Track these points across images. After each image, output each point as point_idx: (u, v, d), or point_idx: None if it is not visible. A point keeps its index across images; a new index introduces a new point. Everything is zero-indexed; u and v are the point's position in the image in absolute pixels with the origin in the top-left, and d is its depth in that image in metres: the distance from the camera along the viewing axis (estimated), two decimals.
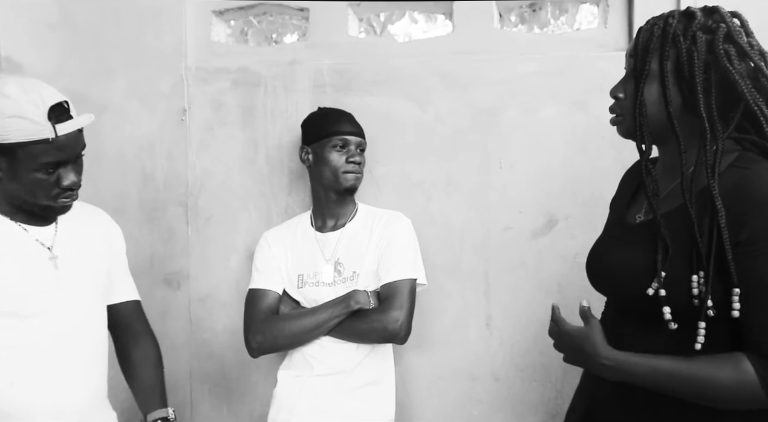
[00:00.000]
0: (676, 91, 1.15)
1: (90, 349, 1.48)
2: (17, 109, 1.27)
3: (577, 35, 2.03)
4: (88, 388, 1.46)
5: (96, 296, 1.52)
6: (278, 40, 3.85)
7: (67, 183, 1.36)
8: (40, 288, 1.38)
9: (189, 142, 2.11)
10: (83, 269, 1.48)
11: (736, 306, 1.06)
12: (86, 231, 1.53)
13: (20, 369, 1.35)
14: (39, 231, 1.43)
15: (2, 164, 1.32)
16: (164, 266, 2.11)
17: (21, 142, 1.27)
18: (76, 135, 1.35)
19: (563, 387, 1.96)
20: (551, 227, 1.95)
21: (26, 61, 2.16)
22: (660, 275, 1.12)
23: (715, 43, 1.11)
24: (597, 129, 1.90)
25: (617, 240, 1.33)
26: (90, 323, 1.49)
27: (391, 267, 1.76)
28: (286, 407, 1.77)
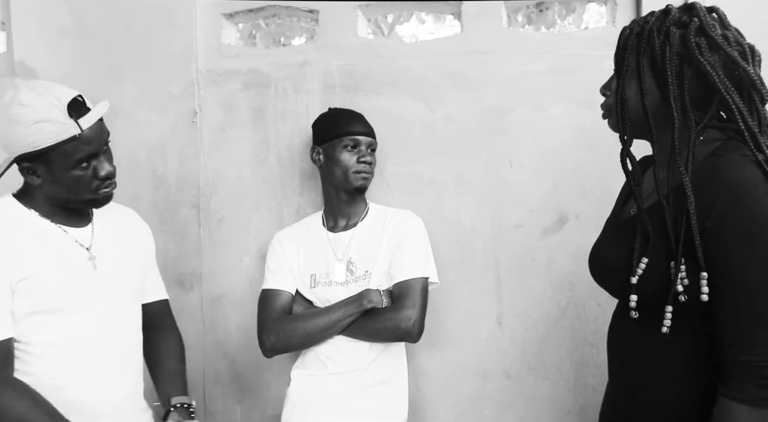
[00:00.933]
0: (653, 85, 1.19)
1: (127, 347, 1.52)
2: (39, 114, 1.29)
3: (585, 34, 2.04)
4: (125, 385, 1.50)
5: (132, 295, 1.56)
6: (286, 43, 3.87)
7: (104, 173, 1.40)
8: (81, 288, 1.42)
9: (200, 143, 2.13)
10: (120, 269, 1.52)
11: (704, 290, 1.09)
12: (121, 232, 1.57)
13: (61, 366, 1.39)
14: (77, 232, 1.46)
15: (39, 170, 1.35)
16: (177, 267, 2.13)
17: (51, 145, 1.31)
18: (98, 125, 1.38)
19: (575, 385, 1.96)
20: (562, 225, 1.96)
21: (39, 65, 2.19)
22: (635, 264, 1.17)
23: (687, 36, 1.14)
24: (606, 127, 1.88)
25: (610, 235, 1.37)
26: (127, 321, 1.53)
27: (403, 266, 1.77)
28: (300, 406, 1.78)
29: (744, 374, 1.05)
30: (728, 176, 1.10)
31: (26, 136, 1.30)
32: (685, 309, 1.12)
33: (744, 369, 1.05)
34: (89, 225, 1.50)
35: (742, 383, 1.05)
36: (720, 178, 1.10)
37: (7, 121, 1.31)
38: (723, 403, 1.07)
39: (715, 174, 1.11)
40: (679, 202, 1.13)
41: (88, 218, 1.51)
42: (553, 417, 1.98)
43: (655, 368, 1.20)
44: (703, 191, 1.10)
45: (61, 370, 1.39)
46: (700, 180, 1.12)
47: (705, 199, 1.09)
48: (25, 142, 1.30)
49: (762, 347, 1.04)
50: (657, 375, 1.20)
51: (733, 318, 1.07)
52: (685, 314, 1.13)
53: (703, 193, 1.10)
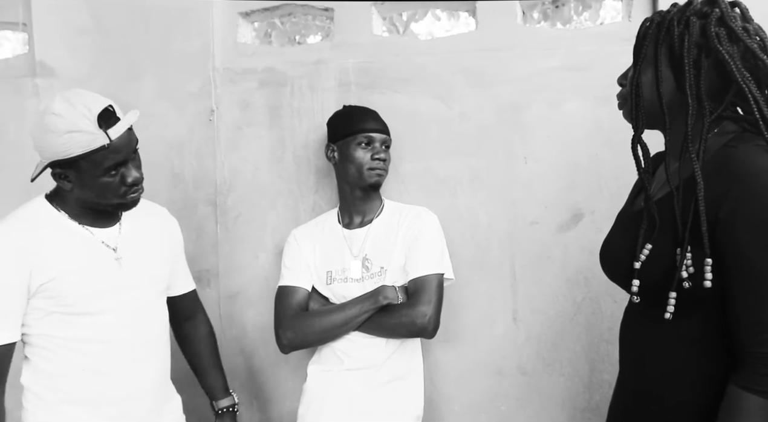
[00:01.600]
0: (669, 74, 1.20)
1: (152, 341, 1.59)
2: (70, 124, 1.35)
3: (601, 30, 2.03)
4: (152, 376, 1.58)
5: (158, 292, 1.63)
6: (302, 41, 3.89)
7: (131, 180, 1.46)
8: (107, 288, 1.49)
9: (217, 141, 2.15)
10: (146, 267, 1.58)
11: (707, 276, 1.09)
12: (147, 230, 1.64)
13: (89, 361, 1.47)
14: (104, 233, 1.53)
15: (70, 176, 1.42)
16: (194, 264, 2.14)
17: (81, 153, 1.37)
18: (127, 134, 1.43)
19: (591, 381, 1.96)
20: (577, 221, 1.95)
21: (59, 65, 2.22)
22: (639, 249, 1.19)
23: (708, 26, 1.15)
24: (622, 123, 1.87)
25: (620, 227, 1.39)
26: (152, 317, 1.60)
27: (418, 263, 1.77)
28: (316, 401, 1.80)
29: (758, 365, 1.05)
30: (742, 166, 1.10)
31: (58, 145, 1.36)
32: (693, 301, 1.13)
33: (758, 361, 1.05)
34: (116, 225, 1.56)
35: (756, 374, 1.05)
36: (733, 169, 1.10)
37: (42, 130, 1.37)
38: (735, 392, 1.08)
39: (728, 164, 1.11)
40: (689, 191, 1.14)
41: (116, 218, 1.57)
42: (568, 413, 1.98)
43: (664, 361, 1.20)
44: (716, 182, 1.10)
45: (88, 364, 1.47)
46: (713, 171, 1.12)
47: (718, 190, 1.09)
48: (57, 150, 1.37)
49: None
50: (666, 369, 1.20)
51: (748, 310, 1.07)
52: (694, 310, 1.14)
53: (716, 183, 1.10)
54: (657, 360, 1.22)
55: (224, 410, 1.83)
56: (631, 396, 1.30)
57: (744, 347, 1.08)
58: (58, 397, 1.47)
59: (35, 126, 1.40)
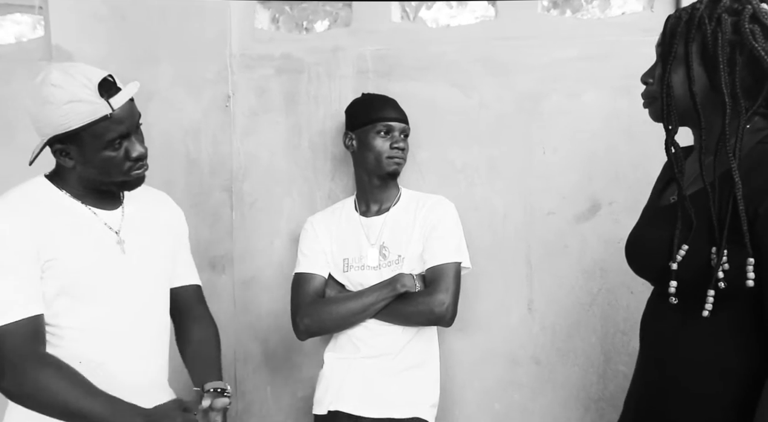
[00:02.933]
0: (701, 72, 1.18)
1: (153, 331, 1.51)
2: (70, 94, 1.28)
3: (621, 20, 2.02)
4: (151, 369, 1.49)
5: (160, 280, 1.55)
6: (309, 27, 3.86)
7: (136, 154, 1.39)
8: (109, 272, 1.41)
9: (233, 128, 2.14)
10: (149, 253, 1.50)
11: (750, 276, 1.08)
12: (151, 215, 1.56)
13: (88, 350, 1.37)
14: (107, 215, 1.45)
15: (71, 152, 1.35)
16: (209, 250, 2.15)
17: (82, 125, 1.30)
18: (129, 105, 1.37)
19: (605, 372, 1.97)
20: (594, 212, 1.95)
21: (76, 49, 2.21)
22: (675, 250, 1.17)
23: (741, 23, 1.13)
24: (641, 114, 1.86)
25: (650, 222, 1.37)
26: (154, 306, 1.52)
27: (436, 251, 1.78)
28: (332, 388, 1.81)
29: None
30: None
31: (58, 117, 1.29)
32: (728, 298, 1.12)
33: None
34: (119, 208, 1.49)
35: None
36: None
37: (40, 102, 1.30)
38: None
39: (765, 160, 1.11)
40: (725, 188, 1.13)
41: (119, 201, 1.50)
42: (581, 403, 1.99)
43: (695, 356, 1.19)
44: (754, 177, 1.10)
45: (88, 353, 1.37)
46: (750, 166, 1.12)
47: (757, 185, 1.09)
48: (57, 123, 1.30)
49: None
50: (696, 364, 1.19)
51: None
52: (727, 303, 1.13)
53: (754, 179, 1.10)
54: (687, 352, 1.21)
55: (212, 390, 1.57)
56: (658, 385, 1.30)
57: None
58: None
59: (32, 100, 1.32)
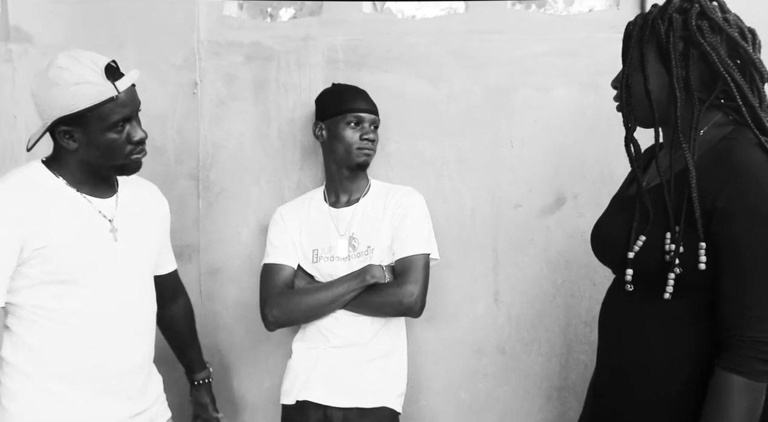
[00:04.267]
0: (661, 70, 1.24)
1: (142, 318, 1.56)
2: (78, 76, 1.34)
3: (590, 16, 2.06)
4: (138, 353, 1.54)
5: (149, 268, 1.61)
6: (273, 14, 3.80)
7: (138, 137, 1.46)
8: (101, 259, 1.45)
9: (201, 115, 2.10)
10: (139, 242, 1.55)
11: (701, 259, 1.15)
12: (142, 205, 1.61)
13: (80, 336, 1.42)
14: (101, 203, 1.49)
15: (76, 134, 1.39)
16: (175, 239, 2.09)
17: (89, 106, 1.35)
18: (132, 90, 1.44)
19: (567, 361, 2.02)
20: (560, 205, 1.99)
21: (35, 31, 2.13)
22: (633, 240, 1.23)
23: (689, 20, 1.19)
24: (607, 110, 1.90)
25: (613, 211, 1.43)
26: (142, 292, 1.57)
27: (405, 242, 1.79)
28: (301, 378, 1.81)
29: (746, 348, 1.11)
30: (740, 158, 1.15)
31: (65, 98, 1.34)
32: (685, 285, 1.17)
33: (746, 344, 1.11)
34: (113, 197, 1.53)
35: (744, 356, 1.11)
36: (732, 160, 1.15)
37: (47, 85, 1.35)
38: (722, 375, 1.13)
39: (727, 156, 1.16)
40: (683, 181, 1.18)
41: (113, 189, 1.54)
42: (545, 392, 2.04)
43: (649, 341, 1.25)
44: (715, 172, 1.15)
45: (78, 338, 1.42)
46: (712, 161, 1.17)
47: (717, 180, 1.14)
48: (64, 104, 1.34)
49: (765, 323, 1.10)
50: (650, 348, 1.25)
51: (739, 295, 1.12)
52: (684, 290, 1.18)
53: (716, 173, 1.15)
54: (641, 337, 1.26)
55: (201, 381, 1.87)
56: (612, 373, 1.34)
57: (727, 330, 1.13)
58: (45, 372, 1.41)
59: (38, 84, 1.37)
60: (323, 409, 1.78)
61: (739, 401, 1.11)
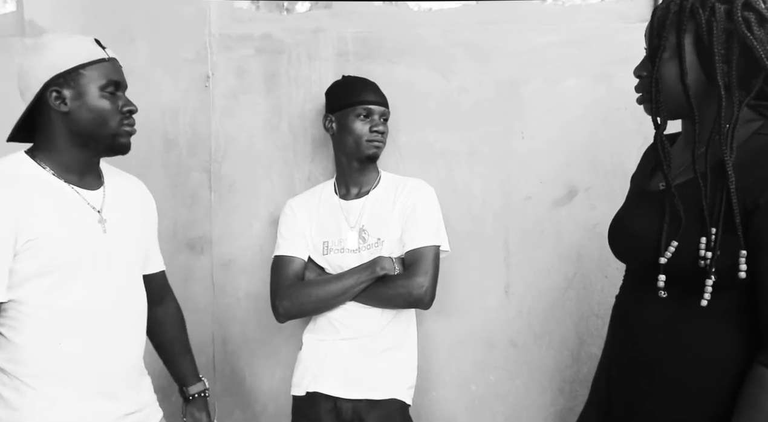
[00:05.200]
0: (696, 63, 1.17)
1: (131, 313, 1.51)
2: (71, 40, 1.40)
3: (601, 6, 2.04)
4: (129, 351, 1.49)
5: (137, 262, 1.56)
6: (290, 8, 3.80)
7: (129, 107, 1.46)
8: (89, 250, 1.40)
9: (212, 108, 2.12)
10: (128, 235, 1.52)
11: (742, 268, 1.09)
12: (129, 199, 1.58)
13: (68, 331, 1.37)
14: (89, 194, 1.46)
15: (67, 96, 1.38)
16: (187, 231, 2.14)
17: (83, 63, 1.38)
18: (119, 65, 1.48)
19: (579, 354, 2.01)
20: (571, 197, 1.98)
21: (49, 25, 2.15)
22: (663, 243, 1.17)
23: (734, 11, 1.12)
24: (619, 101, 1.92)
25: (638, 207, 1.35)
26: (132, 287, 1.53)
27: (415, 234, 1.79)
28: (311, 370, 1.82)
29: None
30: None
31: (58, 57, 1.36)
32: (718, 289, 1.12)
33: None
34: (101, 188, 1.49)
35: None
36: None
37: (36, 52, 1.38)
38: (760, 370, 1.09)
39: (765, 152, 1.11)
40: (717, 179, 1.12)
41: (100, 181, 1.51)
42: (556, 385, 2.03)
43: (684, 342, 1.19)
44: (752, 168, 1.10)
45: (67, 335, 1.37)
46: (746, 158, 1.11)
47: (756, 176, 1.09)
48: (57, 63, 1.36)
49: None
50: (685, 349, 1.19)
51: None
52: (718, 294, 1.13)
53: (753, 170, 1.10)
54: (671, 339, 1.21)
55: (196, 395, 1.75)
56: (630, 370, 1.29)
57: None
58: (30, 371, 1.35)
59: (26, 54, 1.39)
60: (333, 400, 1.78)
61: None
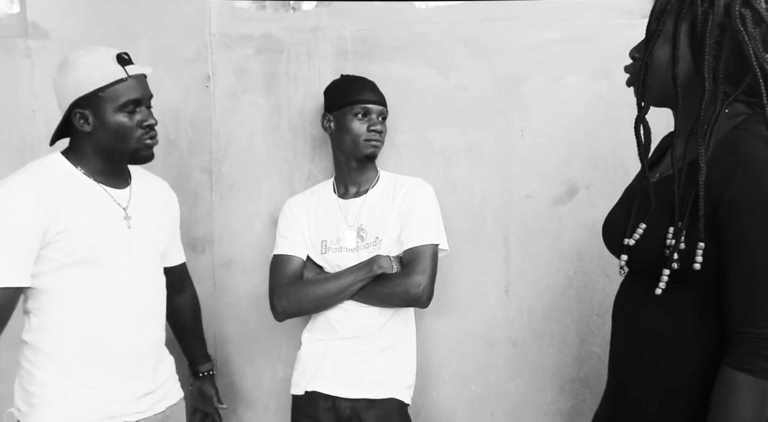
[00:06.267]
0: (687, 52, 1.17)
1: (152, 302, 1.65)
2: (93, 60, 1.50)
3: (602, 3, 2.01)
4: (149, 336, 1.63)
5: (158, 255, 1.70)
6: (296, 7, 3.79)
7: (148, 122, 1.56)
8: (115, 244, 1.55)
9: (213, 108, 2.12)
10: (151, 230, 1.65)
11: (697, 260, 1.11)
12: (154, 197, 1.72)
13: (91, 316, 1.52)
14: (116, 192, 1.60)
15: (89, 117, 1.51)
16: (189, 231, 2.14)
17: (102, 86, 1.49)
18: (142, 79, 1.57)
19: (580, 353, 1.99)
20: (572, 195, 1.96)
21: (52, 26, 2.17)
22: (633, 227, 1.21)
23: (732, 6, 1.12)
24: (620, 97, 1.89)
25: (624, 202, 1.38)
26: (153, 277, 1.67)
27: (413, 233, 1.78)
28: (310, 369, 1.82)
29: (751, 345, 1.07)
30: (750, 150, 1.09)
31: (83, 78, 1.48)
32: (687, 279, 1.14)
33: (752, 341, 1.07)
34: (128, 188, 1.63)
35: (749, 354, 1.07)
36: (741, 152, 1.10)
37: (66, 70, 1.51)
38: (727, 372, 1.09)
39: (737, 147, 1.11)
40: (694, 174, 1.13)
41: (127, 181, 1.65)
42: (557, 384, 2.01)
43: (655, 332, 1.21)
44: (724, 163, 1.10)
45: (92, 319, 1.52)
46: (721, 152, 1.12)
47: (725, 171, 1.09)
48: (78, 85, 1.49)
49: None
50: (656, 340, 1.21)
51: (744, 291, 1.08)
52: (687, 283, 1.15)
53: (724, 164, 1.10)
54: (647, 328, 1.23)
55: (205, 373, 1.94)
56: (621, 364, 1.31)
57: (733, 327, 1.09)
58: (56, 350, 1.50)
59: (58, 72, 1.52)
60: (332, 400, 1.79)
61: (744, 399, 1.07)
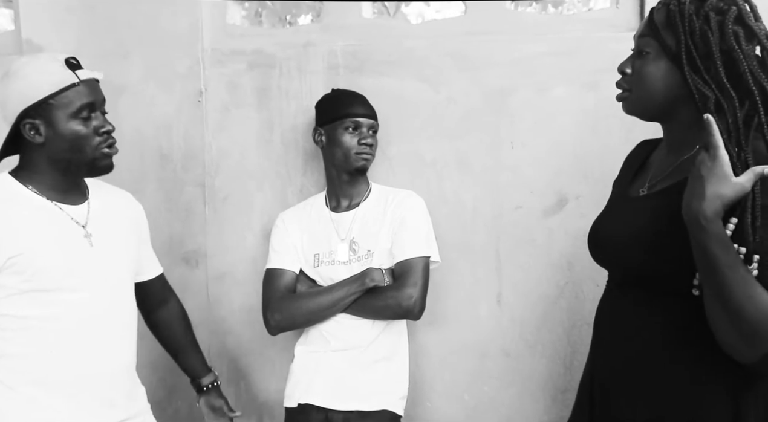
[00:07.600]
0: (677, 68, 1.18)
1: (122, 323, 1.54)
2: (39, 67, 1.39)
3: (589, 16, 2.05)
4: (120, 359, 1.53)
5: (128, 272, 1.59)
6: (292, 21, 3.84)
7: (106, 128, 1.45)
8: (78, 265, 1.44)
9: (205, 123, 2.14)
10: (116, 246, 1.54)
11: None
12: (115, 211, 1.60)
13: (59, 341, 1.41)
14: (73, 209, 1.48)
15: (41, 127, 1.39)
16: (182, 245, 2.16)
17: (51, 93, 1.37)
18: (95, 83, 1.46)
19: (572, 363, 2.00)
20: (561, 206, 1.98)
21: (46, 43, 2.19)
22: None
23: (725, 23, 1.13)
24: (608, 109, 1.91)
25: (617, 213, 1.38)
26: (122, 297, 1.56)
27: (405, 246, 1.80)
28: (303, 382, 1.83)
29: None
30: None
31: (27, 87, 1.37)
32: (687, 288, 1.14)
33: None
34: (85, 203, 1.52)
35: None
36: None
37: (9, 81, 1.39)
38: None
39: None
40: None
41: (85, 196, 1.53)
42: (549, 394, 2.02)
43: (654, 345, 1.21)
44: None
45: (58, 345, 1.41)
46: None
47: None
48: (25, 95, 1.37)
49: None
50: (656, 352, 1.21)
51: None
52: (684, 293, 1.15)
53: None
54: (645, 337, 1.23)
55: (209, 386, 1.84)
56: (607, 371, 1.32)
57: None
58: (25, 380, 1.39)
59: (1, 83, 1.40)
60: (325, 412, 1.79)
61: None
